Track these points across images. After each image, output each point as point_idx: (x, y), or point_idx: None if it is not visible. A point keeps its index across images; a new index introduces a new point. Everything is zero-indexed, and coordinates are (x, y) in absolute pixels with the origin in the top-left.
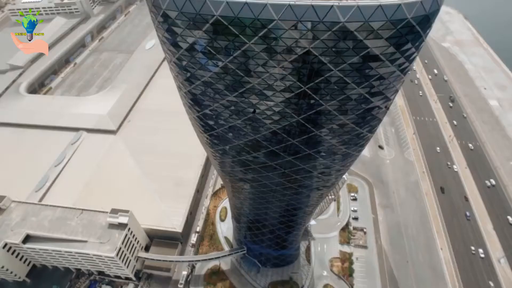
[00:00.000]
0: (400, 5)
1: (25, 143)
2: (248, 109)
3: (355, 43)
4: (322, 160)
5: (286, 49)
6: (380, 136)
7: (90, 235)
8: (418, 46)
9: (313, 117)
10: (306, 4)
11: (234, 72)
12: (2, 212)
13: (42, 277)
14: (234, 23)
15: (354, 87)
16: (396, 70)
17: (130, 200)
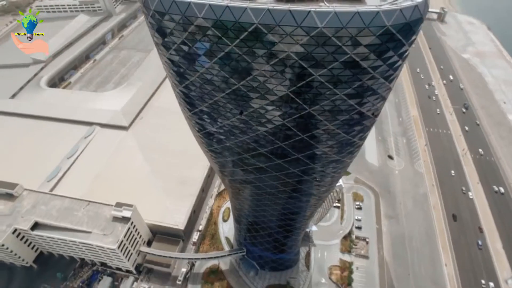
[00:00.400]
0: (378, 13)
1: (42, 135)
2: (236, 111)
3: (334, 48)
4: (312, 165)
5: (267, 52)
6: (391, 146)
7: (94, 226)
8: (401, 54)
9: (298, 121)
10: (284, 9)
11: (219, 74)
12: (14, 199)
13: (48, 264)
14: (217, 25)
15: (336, 92)
16: (380, 77)
17: (136, 195)
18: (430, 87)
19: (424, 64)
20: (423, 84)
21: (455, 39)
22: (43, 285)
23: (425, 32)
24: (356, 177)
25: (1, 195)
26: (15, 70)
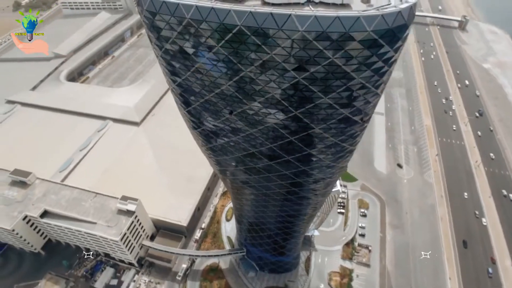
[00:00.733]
0: (359, 18)
1: (58, 127)
2: (226, 110)
3: (315, 52)
4: (302, 168)
5: (251, 54)
6: (401, 154)
7: (99, 218)
8: (387, 60)
9: (286, 123)
10: (266, 12)
11: (207, 74)
12: (27, 187)
13: (55, 251)
14: (203, 26)
15: (320, 96)
16: (365, 83)
17: (143, 190)
18: (448, 101)
19: (441, 72)
20: (439, 96)
21: (475, 48)
22: (49, 271)
23: (445, 41)
24: (363, 184)
25: (15, 183)
26: (37, 63)
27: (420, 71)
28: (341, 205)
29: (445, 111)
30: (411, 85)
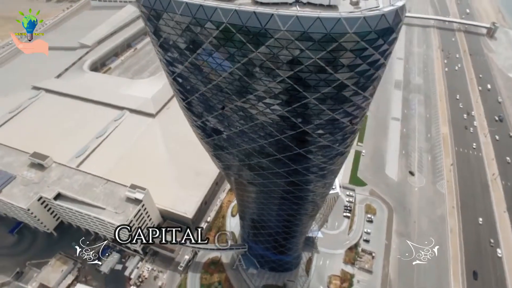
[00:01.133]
0: (340, 19)
1: (77, 114)
2: (219, 105)
3: (298, 52)
4: (294, 167)
5: (238, 51)
6: (413, 162)
7: (108, 204)
8: (372, 63)
9: (275, 120)
10: (249, 11)
11: (198, 68)
12: (44, 170)
13: (66, 233)
14: (193, 22)
15: (305, 96)
16: (350, 85)
17: (152, 180)
18: (470, 116)
19: (464, 82)
20: (461, 111)
21: (503, 57)
22: (59, 251)
23: (471, 48)
24: (372, 189)
25: (34, 165)
26: (64, 52)
27: (442, 78)
28: (347, 208)
29: (466, 127)
30: (430, 92)
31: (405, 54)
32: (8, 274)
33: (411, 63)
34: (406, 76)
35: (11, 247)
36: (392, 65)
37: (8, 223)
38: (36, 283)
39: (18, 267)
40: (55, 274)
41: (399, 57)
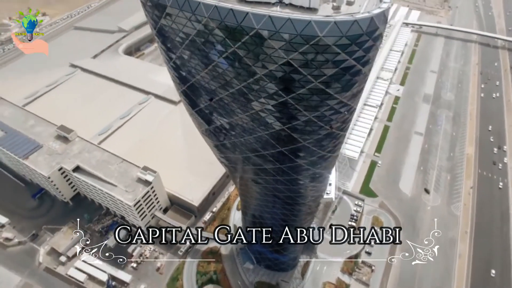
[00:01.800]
0: (310, 22)
1: (106, 94)
2: (207, 96)
3: (272, 51)
4: (279, 165)
5: (218, 46)
6: (431, 179)
7: (120, 182)
8: (347, 69)
9: (255, 117)
10: (227, 7)
11: (186, 58)
12: (68, 143)
13: (80, 204)
14: (180, 15)
15: (282, 94)
16: (324, 88)
17: (165, 164)
18: (500, 151)
19: (501, 107)
20: (491, 145)
21: None
22: (71, 220)
23: None
24: (382, 201)
25: (60, 137)
26: (103, 35)
27: (476, 97)
28: (353, 218)
29: (494, 163)
30: (460, 110)
31: (439, 67)
32: (25, 234)
33: (445, 77)
34: (437, 91)
35: (32, 211)
36: (423, 78)
37: (32, 188)
38: (48, 247)
39: (35, 230)
40: (65, 240)
41: (433, 70)
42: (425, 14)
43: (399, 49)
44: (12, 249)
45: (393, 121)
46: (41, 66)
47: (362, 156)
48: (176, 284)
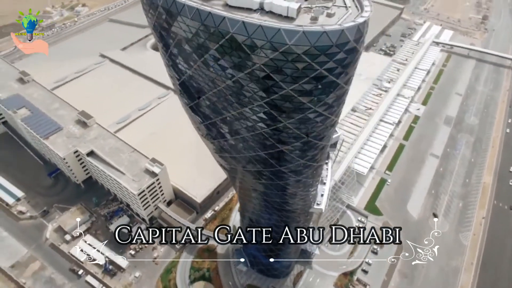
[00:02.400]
0: (279, 30)
1: (129, 85)
2: (193, 90)
3: (245, 55)
4: (261, 168)
5: (201, 47)
6: (441, 204)
7: (129, 170)
8: (319, 79)
9: (237, 116)
10: (206, 11)
11: (177, 58)
12: (86, 128)
13: (91, 187)
14: (169, 13)
15: (257, 98)
16: (296, 96)
17: (174, 158)
18: None
19: None
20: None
21: None
22: (80, 202)
23: None
24: (387, 221)
25: (79, 122)
26: (134, 29)
27: (501, 125)
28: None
29: None
30: (483, 136)
31: (466, 90)
32: (37, 210)
33: (471, 101)
34: (461, 114)
35: (46, 188)
36: (447, 100)
37: (49, 167)
38: (56, 224)
39: (46, 206)
40: (72, 220)
41: (458, 93)
42: (459, 35)
43: (425, 68)
44: (24, 222)
45: (409, 140)
46: (73, 54)
47: (372, 172)
48: (169, 276)
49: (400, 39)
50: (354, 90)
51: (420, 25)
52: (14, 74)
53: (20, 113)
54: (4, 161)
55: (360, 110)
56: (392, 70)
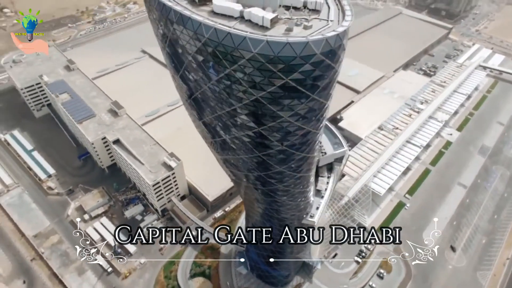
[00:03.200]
0: (245, 38)
1: (163, 81)
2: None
3: (217, 60)
4: (247, 173)
5: (188, 46)
6: (461, 238)
7: (148, 162)
8: (288, 89)
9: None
10: (187, 16)
11: (170, 57)
12: (116, 117)
13: (114, 173)
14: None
15: (232, 103)
16: (266, 104)
17: (193, 155)
18: None
19: None
20: None
21: None
22: (102, 186)
23: None
24: (399, 246)
25: (111, 110)
26: None
27: None
28: (361, 254)
29: None
30: None
31: (509, 120)
32: (64, 188)
33: None
34: (499, 145)
35: (75, 169)
36: (487, 128)
37: (80, 150)
38: (78, 203)
39: (72, 186)
40: (92, 202)
41: (500, 122)
42: (511, 60)
43: (466, 92)
44: (51, 197)
45: (436, 166)
46: (118, 48)
47: (391, 194)
48: (172, 267)
49: (444, 60)
50: (384, 108)
51: (468, 47)
52: (62, 62)
53: (62, 97)
54: (43, 139)
55: (387, 129)
56: (428, 91)
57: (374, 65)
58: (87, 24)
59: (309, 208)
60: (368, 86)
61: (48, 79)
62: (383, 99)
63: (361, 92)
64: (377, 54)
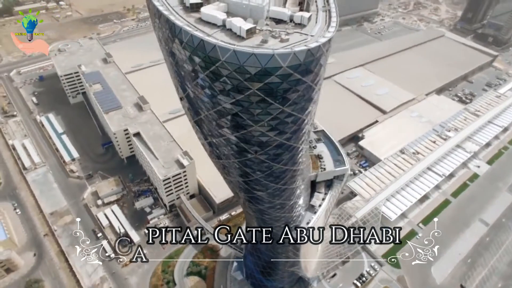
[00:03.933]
0: (215, 46)
1: None
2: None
3: (195, 65)
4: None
5: (179, 53)
6: (475, 277)
7: (162, 157)
8: (254, 98)
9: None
10: (172, 21)
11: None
12: (141, 111)
13: (132, 164)
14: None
15: (217, 105)
16: (237, 111)
17: (207, 155)
18: None
19: None
20: None
21: None
22: (119, 174)
23: None
24: (403, 276)
25: (137, 105)
26: None
27: None
28: (361, 278)
29: None
30: None
31: None
32: (84, 172)
33: None
34: None
35: (97, 156)
36: None
37: (105, 138)
38: (94, 188)
39: (91, 171)
40: (106, 189)
41: None
42: None
43: (503, 124)
44: (71, 180)
45: (457, 198)
46: (155, 46)
47: (403, 221)
48: (170, 263)
49: (483, 89)
50: (409, 131)
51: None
52: (101, 54)
53: (94, 87)
54: (74, 124)
55: (408, 153)
56: (460, 119)
57: (406, 86)
58: (130, 21)
59: (299, 222)
60: (396, 107)
61: (86, 69)
62: (409, 122)
63: (387, 112)
64: (411, 76)
